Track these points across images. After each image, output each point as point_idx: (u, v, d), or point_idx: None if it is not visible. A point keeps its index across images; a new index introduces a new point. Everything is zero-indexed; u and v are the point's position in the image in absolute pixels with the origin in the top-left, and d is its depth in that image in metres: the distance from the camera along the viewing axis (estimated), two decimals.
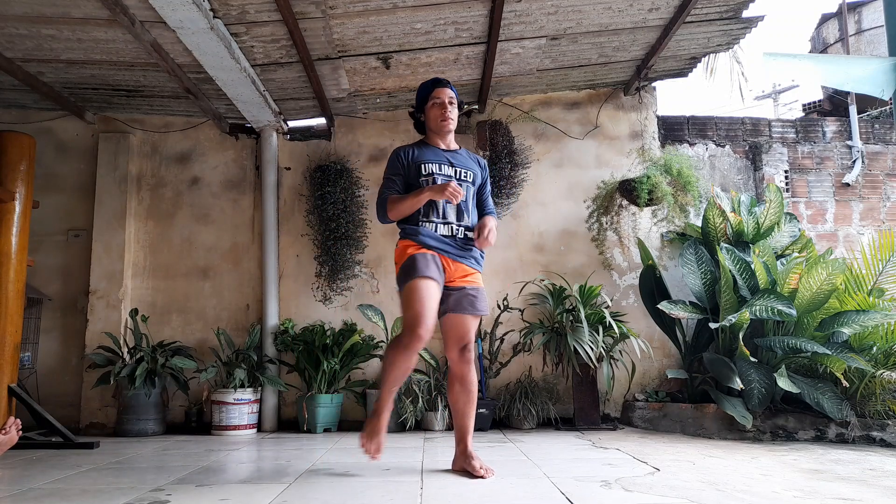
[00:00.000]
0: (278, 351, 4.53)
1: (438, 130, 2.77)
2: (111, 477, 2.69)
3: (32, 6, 3.29)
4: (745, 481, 2.46)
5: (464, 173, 2.74)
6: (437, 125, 2.75)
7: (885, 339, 3.71)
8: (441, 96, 2.74)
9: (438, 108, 2.74)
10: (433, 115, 2.76)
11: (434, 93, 2.76)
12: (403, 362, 2.55)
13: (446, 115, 2.73)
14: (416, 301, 2.49)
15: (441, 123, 2.74)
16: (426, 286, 2.51)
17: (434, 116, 2.75)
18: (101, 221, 4.66)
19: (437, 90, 2.76)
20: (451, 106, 2.76)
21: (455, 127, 2.81)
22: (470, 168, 2.78)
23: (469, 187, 2.74)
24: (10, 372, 3.66)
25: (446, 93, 2.75)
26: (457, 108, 2.81)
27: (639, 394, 4.52)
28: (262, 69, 4.07)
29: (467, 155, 2.85)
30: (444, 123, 2.74)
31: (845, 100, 5.36)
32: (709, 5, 3.80)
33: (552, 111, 4.99)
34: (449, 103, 2.74)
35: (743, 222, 4.28)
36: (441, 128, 2.75)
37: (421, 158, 2.72)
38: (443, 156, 2.75)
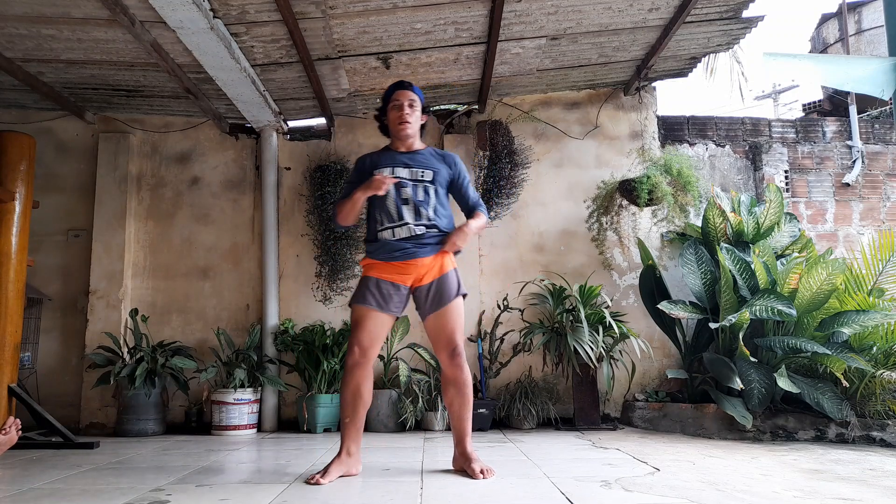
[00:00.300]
0: (278, 351, 4.53)
1: (397, 133, 2.77)
2: (111, 477, 2.69)
3: (32, 6, 3.29)
4: (745, 481, 2.46)
5: (421, 173, 2.71)
6: (395, 128, 2.76)
7: (885, 339, 3.71)
8: (400, 99, 2.74)
9: (396, 110, 2.75)
10: (391, 117, 2.76)
11: (394, 95, 2.76)
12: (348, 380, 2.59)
13: (404, 117, 2.73)
14: (352, 320, 2.67)
15: (398, 126, 2.74)
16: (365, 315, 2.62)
17: (392, 119, 2.76)
18: (101, 221, 4.66)
19: (397, 93, 2.76)
20: (412, 108, 2.75)
21: (415, 130, 2.79)
22: (430, 167, 2.74)
23: (429, 186, 2.70)
24: (10, 372, 3.66)
25: (406, 95, 2.75)
26: (420, 111, 2.80)
27: (639, 394, 4.52)
28: (262, 69, 4.07)
29: (431, 153, 2.81)
30: (401, 126, 2.74)
31: (845, 100, 5.36)
32: (709, 5, 3.80)
33: (552, 111, 4.99)
34: (409, 106, 2.74)
35: (743, 222, 4.28)
36: (398, 130, 2.75)
37: (377, 164, 2.73)
38: (399, 159, 2.74)
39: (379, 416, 4.23)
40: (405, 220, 2.65)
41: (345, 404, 2.61)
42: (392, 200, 2.66)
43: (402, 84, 2.79)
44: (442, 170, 2.76)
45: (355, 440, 2.62)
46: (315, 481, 2.43)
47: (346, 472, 2.58)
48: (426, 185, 2.70)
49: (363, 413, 2.64)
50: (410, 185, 2.68)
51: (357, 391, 2.59)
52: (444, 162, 2.80)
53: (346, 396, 2.60)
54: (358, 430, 2.63)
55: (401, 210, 2.65)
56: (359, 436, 2.64)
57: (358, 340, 2.60)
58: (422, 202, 2.67)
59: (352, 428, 2.61)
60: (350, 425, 2.61)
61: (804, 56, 4.86)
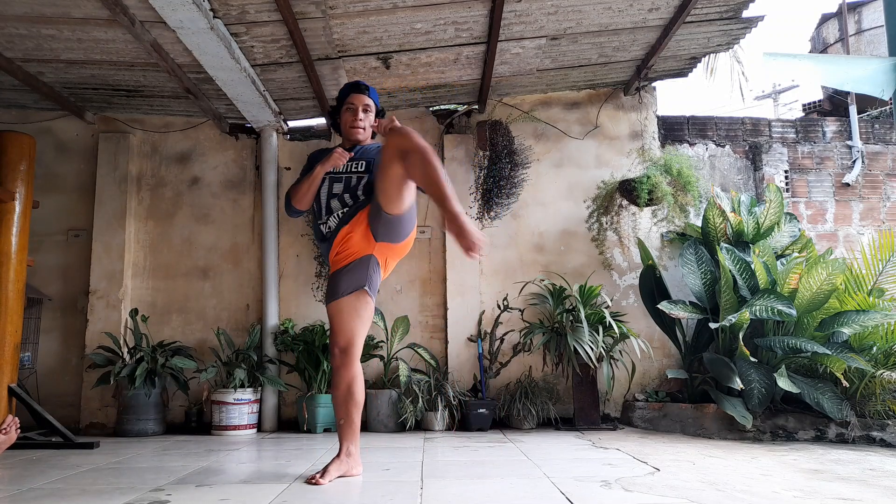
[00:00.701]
0: (278, 351, 4.53)
1: (348, 136, 2.78)
2: (111, 477, 2.69)
3: (32, 6, 3.29)
4: (746, 481, 2.46)
5: (355, 165, 2.70)
6: (347, 130, 2.77)
7: (885, 339, 3.72)
8: (356, 102, 2.73)
9: (350, 113, 2.74)
10: (344, 119, 2.77)
11: (349, 98, 2.74)
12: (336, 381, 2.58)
13: (356, 122, 2.73)
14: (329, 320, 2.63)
15: (350, 129, 2.75)
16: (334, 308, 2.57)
17: (345, 121, 2.76)
18: (101, 221, 4.66)
19: (354, 95, 2.74)
20: (366, 113, 2.74)
21: (366, 136, 2.79)
22: (365, 157, 2.72)
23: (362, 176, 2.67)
24: (10, 372, 3.66)
25: (361, 99, 2.73)
26: (373, 115, 2.78)
27: (639, 394, 4.52)
28: (262, 69, 4.07)
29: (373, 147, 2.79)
30: (353, 130, 2.75)
31: (845, 100, 5.36)
32: (709, 5, 3.80)
33: (552, 111, 5.00)
34: (363, 111, 2.73)
35: (743, 222, 4.28)
36: (350, 134, 2.76)
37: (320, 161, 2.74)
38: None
39: (379, 416, 4.23)
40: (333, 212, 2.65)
41: (336, 406, 2.59)
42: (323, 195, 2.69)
43: (359, 86, 2.77)
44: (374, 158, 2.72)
45: (352, 440, 2.60)
46: (315, 481, 2.43)
47: (346, 473, 2.56)
48: (359, 175, 2.68)
49: (357, 413, 2.59)
50: (343, 179, 2.68)
51: (348, 391, 2.56)
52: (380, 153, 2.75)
53: (336, 398, 2.58)
54: (354, 430, 2.60)
55: (330, 204, 2.67)
56: (356, 436, 2.61)
57: (335, 341, 2.57)
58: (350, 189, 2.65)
59: (347, 429, 2.59)
60: (345, 426, 2.58)
61: (804, 56, 4.86)
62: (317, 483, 2.42)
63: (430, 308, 4.72)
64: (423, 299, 4.72)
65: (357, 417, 2.60)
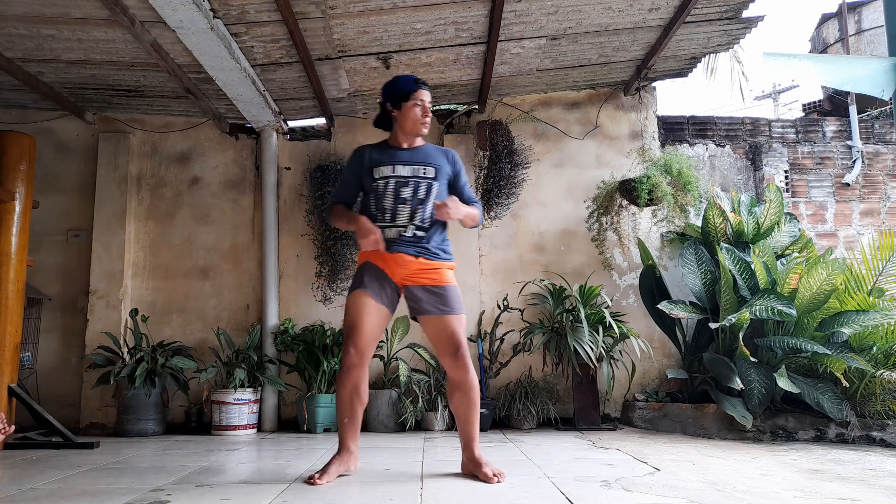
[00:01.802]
0: (278, 351, 4.53)
1: (414, 132, 2.69)
2: (111, 477, 2.69)
3: (32, 6, 3.29)
4: (746, 481, 2.46)
5: (422, 170, 2.65)
6: (416, 127, 2.67)
7: (885, 339, 3.71)
8: (425, 99, 2.68)
9: (420, 110, 2.66)
10: (413, 115, 2.66)
11: (419, 93, 2.67)
12: (344, 381, 2.55)
13: (426, 119, 2.68)
14: (348, 317, 2.59)
15: (420, 126, 2.68)
16: (362, 301, 2.57)
17: (414, 118, 2.66)
18: (101, 221, 4.66)
19: (423, 91, 2.68)
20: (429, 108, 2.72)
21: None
22: (430, 163, 2.68)
23: (432, 183, 2.65)
24: (10, 372, 3.66)
25: (428, 96, 2.71)
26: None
27: (639, 394, 4.52)
28: (262, 69, 4.07)
29: (432, 149, 2.76)
30: (422, 126, 2.68)
31: (845, 100, 5.36)
32: (709, 5, 3.80)
33: (552, 111, 5.00)
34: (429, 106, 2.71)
35: (743, 222, 4.28)
36: (419, 130, 2.69)
37: (377, 161, 2.66)
38: (399, 156, 2.67)
39: (379, 416, 4.23)
40: (398, 221, 2.59)
41: (342, 405, 2.59)
42: (391, 200, 2.60)
43: (424, 83, 2.72)
44: (444, 166, 2.72)
45: (354, 438, 2.62)
46: (312, 481, 2.43)
47: (346, 470, 2.58)
48: (428, 181, 2.64)
49: (361, 412, 2.62)
50: (411, 184, 2.61)
51: (355, 391, 2.57)
52: (445, 158, 2.75)
53: (343, 397, 2.57)
54: (356, 428, 2.63)
55: (397, 210, 2.59)
56: (357, 433, 2.64)
57: (354, 341, 2.55)
58: (421, 202, 2.60)
59: (350, 427, 2.60)
60: (349, 424, 2.60)
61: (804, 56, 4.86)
62: (314, 483, 2.42)
63: None
64: None
65: (360, 415, 2.63)
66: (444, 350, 2.60)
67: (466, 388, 2.58)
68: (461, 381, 2.58)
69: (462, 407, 2.60)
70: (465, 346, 2.61)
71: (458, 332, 2.59)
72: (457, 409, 2.62)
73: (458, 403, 2.61)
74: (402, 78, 2.73)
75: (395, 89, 2.70)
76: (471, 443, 2.58)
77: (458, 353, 2.57)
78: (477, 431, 2.61)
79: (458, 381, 2.59)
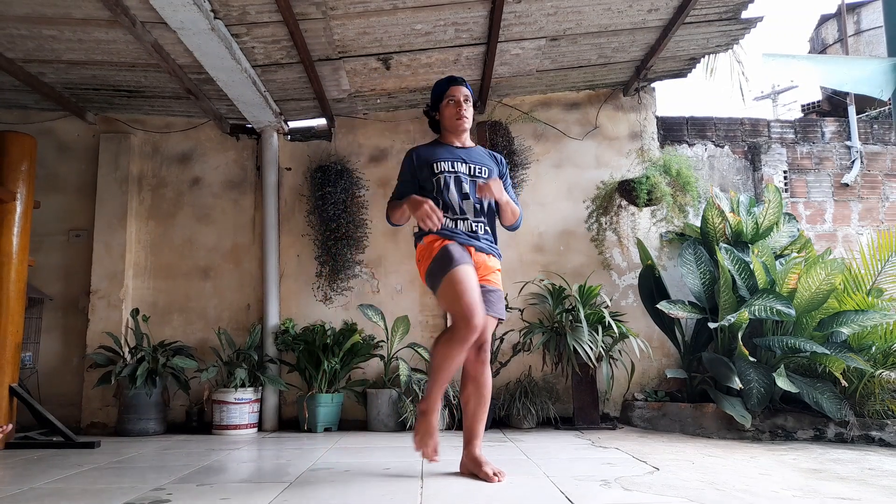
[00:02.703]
0: (279, 350, 4.54)
1: (454, 129, 2.73)
2: (112, 476, 2.70)
3: (34, 7, 3.30)
4: (745, 481, 2.47)
5: (478, 169, 2.69)
6: (453, 123, 2.72)
7: (883, 339, 3.72)
8: (457, 94, 2.71)
9: (454, 106, 2.71)
10: (448, 113, 2.72)
11: (449, 91, 2.72)
12: (458, 356, 2.43)
13: (462, 113, 2.70)
14: (462, 292, 2.39)
15: (456, 122, 2.71)
16: (467, 274, 2.44)
17: (449, 115, 2.72)
18: (102, 222, 4.67)
19: (453, 88, 2.72)
20: (467, 104, 2.73)
21: (470, 125, 2.77)
22: (485, 164, 2.73)
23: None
24: (12, 372, 3.67)
25: (462, 91, 2.73)
26: (471, 107, 2.78)
27: (638, 393, 4.53)
28: (262, 70, 4.08)
29: (483, 152, 2.81)
30: (459, 122, 2.71)
31: (844, 100, 5.37)
32: (708, 6, 3.81)
33: (552, 112, 5.00)
34: (464, 101, 2.72)
35: (742, 222, 4.29)
36: (456, 126, 2.72)
37: (433, 157, 2.68)
38: (456, 153, 2.71)
39: (379, 416, 4.24)
40: (466, 215, 2.62)
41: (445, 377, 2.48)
42: (456, 194, 2.62)
43: (456, 79, 2.75)
44: (493, 168, 2.76)
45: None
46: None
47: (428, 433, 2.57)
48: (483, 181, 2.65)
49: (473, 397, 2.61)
50: (469, 182, 2.65)
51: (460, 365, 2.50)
52: (494, 161, 2.81)
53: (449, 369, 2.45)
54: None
55: (462, 205, 2.63)
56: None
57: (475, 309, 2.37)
58: (480, 200, 2.64)
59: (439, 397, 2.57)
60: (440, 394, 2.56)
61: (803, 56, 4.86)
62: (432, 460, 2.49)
63: (430, 308, 4.73)
64: (423, 299, 4.73)
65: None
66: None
67: (481, 382, 2.61)
68: (478, 374, 2.61)
69: (473, 400, 2.62)
70: (489, 344, 2.66)
71: (490, 329, 2.64)
72: (467, 401, 2.63)
73: (469, 396, 2.62)
74: (439, 81, 2.81)
75: (433, 94, 2.79)
76: (473, 440, 2.59)
77: (483, 349, 2.60)
78: (482, 430, 2.63)
79: (475, 374, 2.61)
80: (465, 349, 2.43)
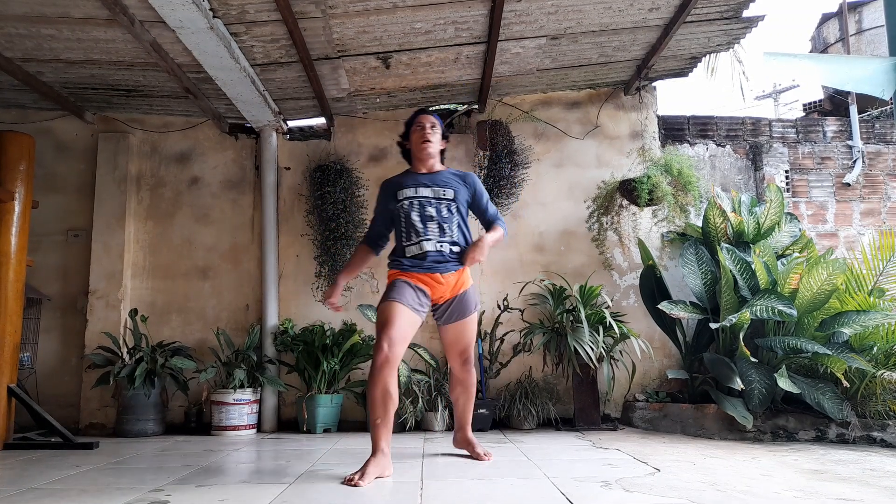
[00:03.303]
0: (278, 351, 4.53)
1: (419, 154, 2.94)
2: (111, 477, 2.69)
3: (32, 6, 3.28)
4: (746, 481, 2.46)
5: (443, 192, 2.88)
6: (418, 148, 2.92)
7: (885, 340, 3.71)
8: (423, 122, 2.95)
9: (420, 132, 2.92)
10: (414, 139, 2.94)
11: (417, 119, 2.96)
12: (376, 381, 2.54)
13: (426, 136, 2.91)
14: (385, 322, 2.64)
15: (421, 146, 2.92)
16: (395, 307, 2.68)
17: (415, 140, 2.93)
18: (101, 221, 4.65)
19: (421, 117, 2.98)
20: (433, 130, 2.94)
21: (436, 151, 2.96)
22: (449, 185, 2.90)
23: (451, 204, 2.87)
24: (10, 372, 3.66)
25: (428, 119, 2.95)
26: (439, 135, 2.98)
27: (639, 394, 4.51)
28: (261, 69, 4.06)
29: (451, 174, 2.98)
30: (423, 146, 2.91)
31: (846, 100, 5.36)
32: (709, 5, 3.80)
33: (552, 111, 4.99)
34: (430, 127, 2.93)
35: (743, 222, 4.28)
36: (421, 150, 2.92)
37: (398, 186, 2.90)
38: (420, 179, 2.91)
39: None
40: (429, 236, 2.81)
41: (375, 405, 2.56)
42: (417, 217, 2.82)
43: (425, 110, 3.03)
44: (461, 189, 2.92)
45: (387, 439, 2.60)
46: (353, 483, 2.39)
47: (381, 474, 2.53)
48: (448, 202, 2.86)
49: (393, 412, 2.60)
50: (434, 203, 2.84)
51: (386, 391, 2.55)
52: (462, 181, 2.97)
53: (375, 397, 2.55)
54: (389, 429, 2.61)
55: (426, 226, 2.82)
56: (389, 434, 2.63)
57: (388, 336, 2.58)
58: (446, 219, 2.84)
59: (383, 428, 2.59)
60: (382, 426, 2.58)
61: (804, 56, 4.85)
62: (356, 484, 2.38)
63: None
64: None
65: (392, 416, 2.63)
66: (456, 355, 2.97)
67: (468, 384, 3.04)
68: (464, 379, 3.03)
69: (462, 399, 3.08)
70: (473, 353, 3.01)
71: (471, 340, 2.95)
72: (457, 400, 3.09)
73: (458, 396, 3.07)
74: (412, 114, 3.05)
75: (405, 126, 3.03)
76: (465, 425, 3.11)
77: (468, 359, 2.98)
78: (470, 417, 3.12)
79: (462, 380, 3.03)
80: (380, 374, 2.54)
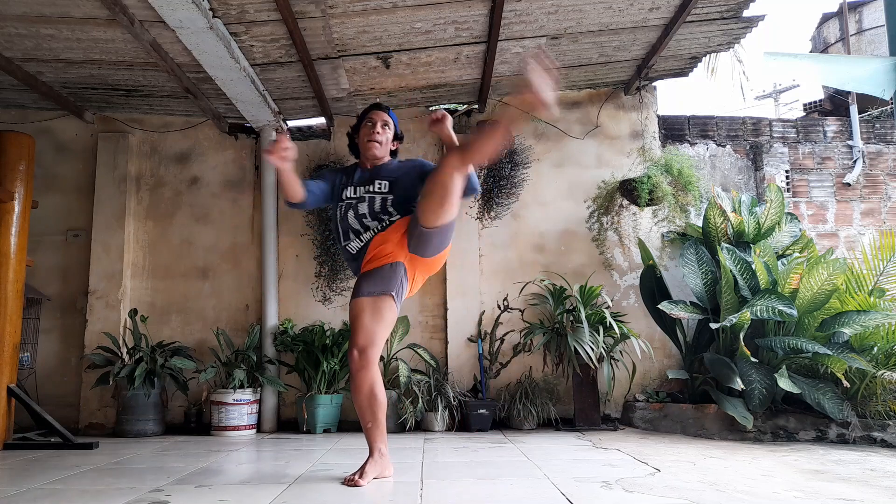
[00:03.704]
0: (278, 351, 4.52)
1: (364, 151, 2.74)
2: (110, 477, 2.68)
3: (32, 6, 3.28)
4: (746, 482, 2.45)
5: (378, 185, 2.64)
6: (364, 144, 2.73)
7: (886, 340, 3.71)
8: (374, 118, 2.73)
9: (369, 127, 2.72)
10: (362, 133, 2.74)
11: (370, 114, 2.75)
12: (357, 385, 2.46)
13: (373, 135, 2.69)
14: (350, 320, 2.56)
15: (367, 143, 2.71)
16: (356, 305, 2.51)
17: (362, 135, 2.74)
18: (101, 221, 4.65)
19: (373, 112, 2.75)
20: (385, 128, 2.72)
21: (384, 152, 2.74)
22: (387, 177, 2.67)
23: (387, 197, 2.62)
24: (10, 372, 3.65)
25: (380, 115, 2.74)
26: (391, 133, 2.76)
27: (639, 394, 4.51)
28: (261, 69, 4.06)
29: (394, 164, 2.77)
30: (369, 144, 2.70)
31: (846, 99, 5.35)
32: (709, 5, 3.79)
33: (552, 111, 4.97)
34: (381, 125, 2.72)
35: (744, 222, 4.28)
36: (366, 148, 2.72)
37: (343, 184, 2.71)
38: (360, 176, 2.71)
39: None
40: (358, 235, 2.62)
41: (362, 410, 2.49)
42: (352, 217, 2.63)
43: (379, 105, 2.79)
44: (402, 176, 2.68)
45: (383, 441, 2.54)
46: (354, 482, 2.38)
47: (380, 474, 2.50)
48: (383, 195, 2.63)
49: (383, 413, 2.52)
50: (367, 199, 2.63)
51: (371, 393, 2.47)
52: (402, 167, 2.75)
53: (361, 402, 2.47)
54: (382, 431, 2.53)
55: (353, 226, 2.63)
56: (384, 436, 2.55)
57: (354, 342, 2.47)
58: (378, 212, 2.61)
59: (376, 430, 2.51)
60: (373, 428, 2.51)
61: (805, 56, 4.86)
62: (356, 484, 2.36)
63: (430, 308, 4.72)
64: (423, 299, 4.71)
65: (383, 418, 2.53)
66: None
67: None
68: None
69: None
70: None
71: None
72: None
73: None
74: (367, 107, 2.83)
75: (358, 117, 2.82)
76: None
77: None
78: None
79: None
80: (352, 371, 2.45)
